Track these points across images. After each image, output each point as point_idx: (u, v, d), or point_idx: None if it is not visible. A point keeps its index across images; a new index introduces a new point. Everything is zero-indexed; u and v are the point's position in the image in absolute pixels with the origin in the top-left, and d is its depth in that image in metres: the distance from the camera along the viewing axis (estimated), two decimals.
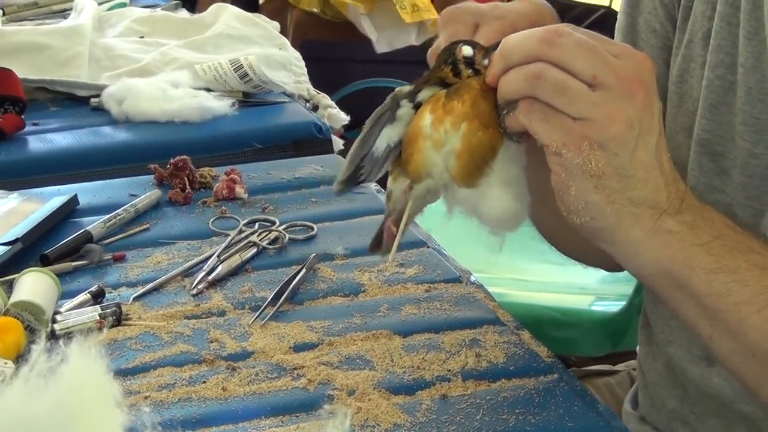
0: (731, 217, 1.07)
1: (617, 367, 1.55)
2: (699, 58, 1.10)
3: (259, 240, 1.42)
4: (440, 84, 1.02)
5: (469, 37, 1.05)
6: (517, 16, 1.05)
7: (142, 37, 2.34)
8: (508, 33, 1.01)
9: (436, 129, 0.99)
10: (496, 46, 0.98)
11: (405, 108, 1.03)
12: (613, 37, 1.27)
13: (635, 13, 1.19)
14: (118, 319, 1.22)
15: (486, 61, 0.99)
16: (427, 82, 1.03)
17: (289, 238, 1.43)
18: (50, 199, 1.51)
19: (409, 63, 4.20)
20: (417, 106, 1.03)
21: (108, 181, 1.66)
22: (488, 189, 1.00)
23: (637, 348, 1.34)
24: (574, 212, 0.96)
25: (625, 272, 1.07)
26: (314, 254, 1.37)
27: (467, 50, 1.01)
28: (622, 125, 0.92)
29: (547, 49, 0.92)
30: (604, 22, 4.88)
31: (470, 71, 1.00)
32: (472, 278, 1.34)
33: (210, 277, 1.32)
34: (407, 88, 1.03)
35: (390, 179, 1.07)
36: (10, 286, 1.25)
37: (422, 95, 1.02)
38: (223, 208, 1.53)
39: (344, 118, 2.12)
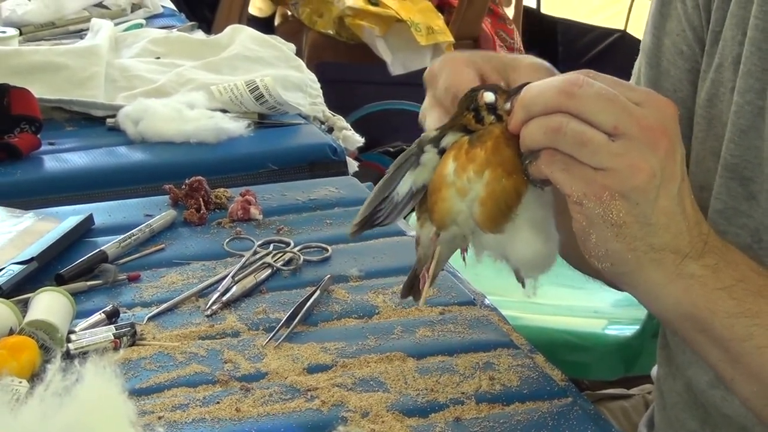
0: (758, 241, 1.07)
1: (632, 391, 1.55)
2: (729, 83, 1.10)
3: (274, 261, 1.42)
4: (463, 130, 1.02)
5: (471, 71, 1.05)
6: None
7: (158, 57, 2.35)
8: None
9: (460, 177, 0.99)
10: (518, 90, 0.98)
11: (429, 153, 1.03)
12: (627, 60, 1.27)
13: (661, 34, 1.18)
14: (133, 339, 1.22)
15: (508, 106, 0.99)
16: (451, 127, 1.02)
17: (304, 260, 1.43)
18: (66, 218, 1.52)
19: (423, 85, 4.22)
20: (442, 152, 1.02)
21: (123, 201, 1.66)
22: (515, 233, 1.00)
23: (653, 370, 1.34)
24: (595, 258, 0.96)
25: None
26: (328, 276, 1.37)
27: (489, 96, 1.00)
28: (644, 175, 0.91)
29: (567, 101, 0.92)
30: (619, 45, 4.89)
31: (492, 117, 1.00)
32: (486, 301, 1.34)
33: (224, 298, 1.32)
34: (432, 133, 1.03)
35: (417, 225, 1.07)
36: (25, 305, 1.25)
37: (446, 140, 1.02)
38: (238, 228, 1.53)
39: (359, 139, 2.13)
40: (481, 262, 1.06)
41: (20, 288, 1.32)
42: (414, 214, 1.08)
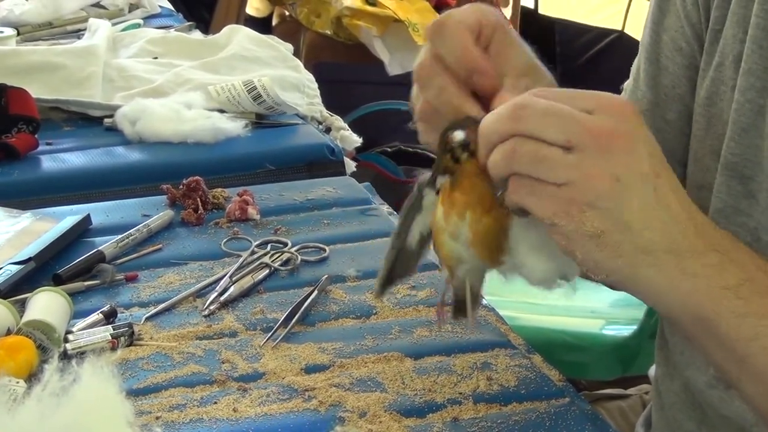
0: (756, 240, 1.06)
1: (629, 391, 1.55)
2: (729, 81, 1.10)
3: (271, 261, 1.42)
4: (449, 171, 1.01)
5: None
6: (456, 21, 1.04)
7: (155, 57, 2.35)
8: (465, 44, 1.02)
9: (448, 222, 0.99)
10: None
11: (429, 196, 1.04)
12: (624, 60, 1.27)
13: (660, 30, 1.18)
14: (130, 339, 1.22)
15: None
16: (437, 169, 1.02)
17: (301, 260, 1.43)
18: (63, 218, 1.52)
19: None
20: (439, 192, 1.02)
21: (121, 201, 1.66)
22: (518, 260, 0.99)
23: (650, 371, 1.34)
24: (590, 272, 0.95)
25: None
26: (326, 276, 1.37)
27: (458, 136, 0.99)
28: (602, 182, 0.90)
29: (516, 124, 0.91)
30: (617, 45, 4.89)
31: (466, 154, 0.98)
32: (484, 301, 1.34)
33: (222, 298, 1.32)
34: (428, 175, 1.03)
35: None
36: (22, 305, 1.25)
37: (439, 181, 1.02)
38: (236, 229, 1.53)
39: (357, 140, 2.13)
40: (511, 282, 1.05)
41: (18, 288, 1.32)
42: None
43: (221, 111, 2.01)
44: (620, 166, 0.91)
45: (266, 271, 1.40)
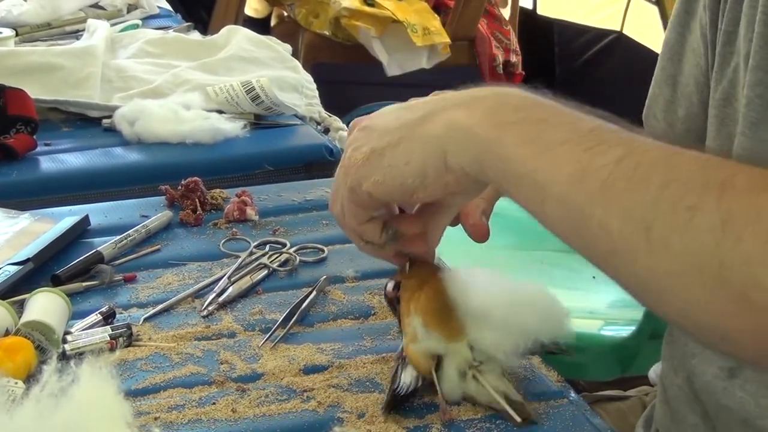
0: None
1: (628, 393, 1.55)
2: (742, 81, 1.10)
3: (270, 262, 1.42)
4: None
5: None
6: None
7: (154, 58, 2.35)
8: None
9: (407, 334, 1.10)
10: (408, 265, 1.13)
11: None
12: (623, 61, 1.27)
13: (685, 32, 1.19)
14: (129, 339, 1.22)
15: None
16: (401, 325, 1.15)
17: (300, 261, 1.43)
18: (62, 219, 1.52)
19: (419, 86, 4.22)
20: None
21: (119, 201, 1.66)
22: (477, 306, 1.05)
23: (650, 371, 1.34)
24: (430, 190, 0.99)
25: None
26: (325, 276, 1.37)
27: (389, 286, 1.19)
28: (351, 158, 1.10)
29: (351, 232, 1.10)
30: (615, 46, 4.90)
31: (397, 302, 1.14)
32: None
33: (220, 299, 1.32)
34: None
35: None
36: (21, 306, 1.25)
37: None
38: (234, 229, 1.53)
39: None
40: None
41: (16, 289, 1.32)
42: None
43: (220, 112, 2.01)
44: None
45: (265, 272, 1.40)
